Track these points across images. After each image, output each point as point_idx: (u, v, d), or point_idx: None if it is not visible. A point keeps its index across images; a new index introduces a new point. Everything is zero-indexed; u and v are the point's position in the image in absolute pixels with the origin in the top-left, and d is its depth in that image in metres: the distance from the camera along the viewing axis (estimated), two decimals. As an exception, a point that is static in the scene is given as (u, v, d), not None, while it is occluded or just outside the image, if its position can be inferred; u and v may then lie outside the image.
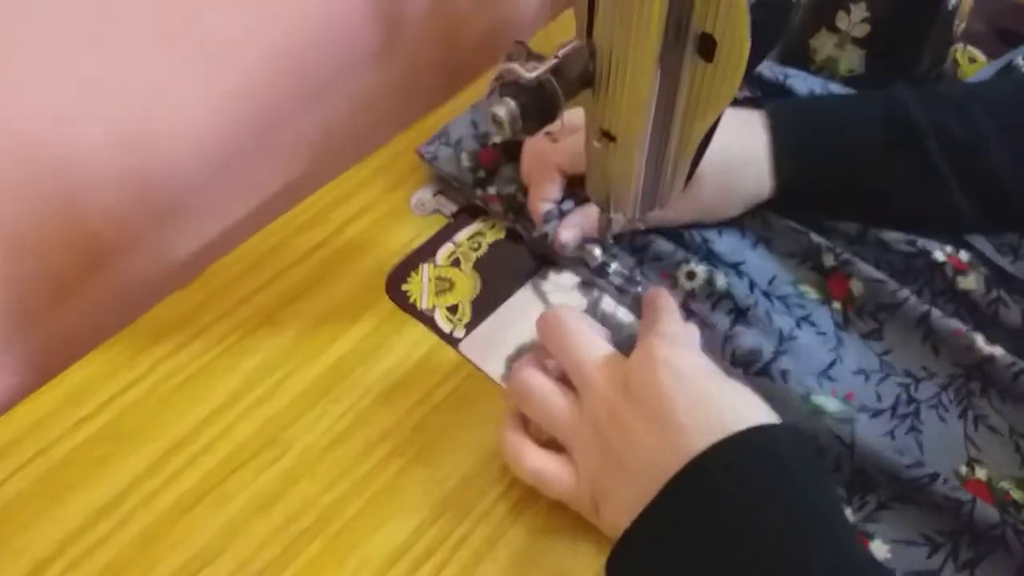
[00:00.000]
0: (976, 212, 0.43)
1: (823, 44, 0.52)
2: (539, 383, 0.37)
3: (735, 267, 0.45)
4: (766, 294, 0.44)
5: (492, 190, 0.49)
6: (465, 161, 0.49)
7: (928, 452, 0.39)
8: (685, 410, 0.33)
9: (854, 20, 0.50)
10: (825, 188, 0.45)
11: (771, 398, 0.37)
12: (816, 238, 0.45)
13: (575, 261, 0.47)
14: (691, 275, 0.44)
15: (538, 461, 0.37)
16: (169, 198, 0.49)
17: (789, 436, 0.34)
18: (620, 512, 0.34)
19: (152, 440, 0.41)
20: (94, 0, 0.39)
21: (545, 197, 0.46)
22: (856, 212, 0.46)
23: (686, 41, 0.31)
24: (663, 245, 0.46)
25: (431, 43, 0.58)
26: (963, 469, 0.39)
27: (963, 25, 0.51)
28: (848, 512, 0.38)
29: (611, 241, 0.45)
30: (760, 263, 0.45)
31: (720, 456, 0.32)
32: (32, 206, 0.42)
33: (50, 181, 0.42)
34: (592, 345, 0.37)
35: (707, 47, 0.30)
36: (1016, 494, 0.38)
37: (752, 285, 0.44)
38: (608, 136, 0.36)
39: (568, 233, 0.45)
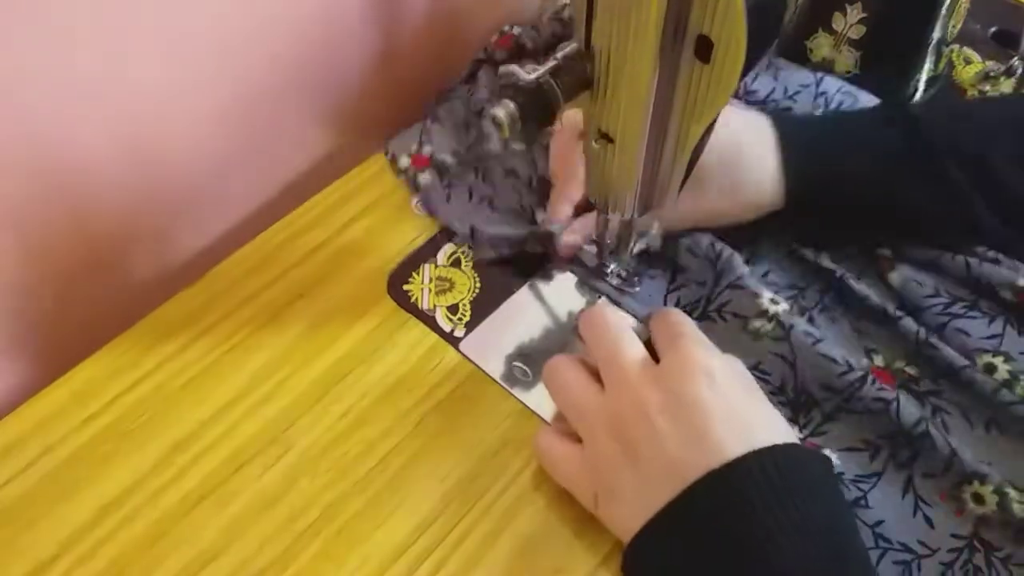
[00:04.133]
0: (994, 223, 0.42)
1: (819, 45, 0.52)
2: (566, 367, 0.38)
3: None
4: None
5: None
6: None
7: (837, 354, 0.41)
8: (719, 419, 0.33)
9: (850, 21, 0.50)
10: (836, 195, 0.43)
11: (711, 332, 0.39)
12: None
13: (574, 261, 0.47)
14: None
15: (550, 441, 0.38)
16: (173, 199, 0.49)
17: (817, 458, 0.34)
18: (626, 508, 0.34)
19: (156, 439, 0.42)
20: (95, 1, 0.39)
21: (569, 196, 0.45)
22: (868, 223, 0.44)
23: (683, 43, 0.31)
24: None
25: (431, 43, 0.59)
26: (864, 361, 0.43)
27: (958, 26, 0.52)
28: (795, 430, 0.40)
29: (609, 242, 0.45)
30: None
31: (751, 466, 0.32)
32: (37, 207, 0.43)
33: (55, 182, 0.43)
34: (628, 343, 0.37)
35: (704, 49, 0.31)
36: (911, 370, 0.42)
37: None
38: (606, 137, 0.36)
39: (572, 237, 0.45)
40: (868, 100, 0.49)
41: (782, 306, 0.42)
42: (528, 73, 0.32)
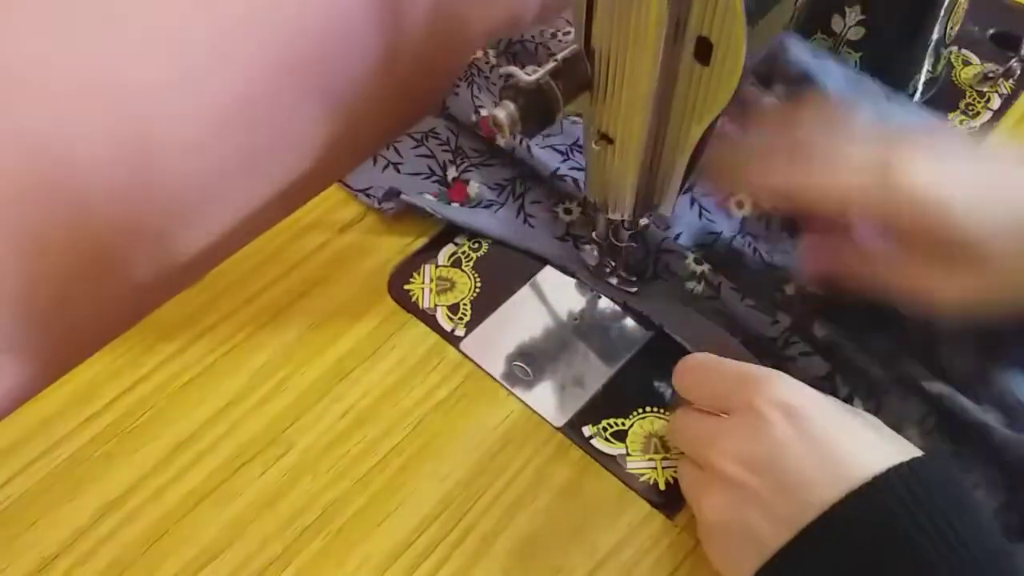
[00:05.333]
0: None
1: (818, 47, 0.52)
2: (687, 413, 0.37)
3: None
4: None
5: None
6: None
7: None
8: (850, 446, 0.32)
9: (849, 23, 0.50)
10: None
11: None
12: None
13: (573, 263, 0.47)
14: None
15: (687, 476, 0.37)
16: (173, 199, 0.49)
17: (952, 466, 0.32)
18: (761, 516, 0.32)
19: (157, 438, 0.42)
20: (95, 1, 0.40)
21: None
22: None
23: (683, 44, 0.31)
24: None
25: (432, 44, 0.59)
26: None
27: (957, 28, 0.52)
28: None
29: (610, 241, 0.45)
30: None
31: (892, 485, 0.30)
32: (37, 207, 0.43)
33: (54, 182, 0.43)
34: (688, 421, 0.37)
35: (704, 50, 0.31)
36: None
37: None
38: (606, 138, 0.36)
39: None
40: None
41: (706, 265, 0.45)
42: (528, 75, 0.32)
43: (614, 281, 0.46)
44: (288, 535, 0.39)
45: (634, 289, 0.46)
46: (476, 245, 0.49)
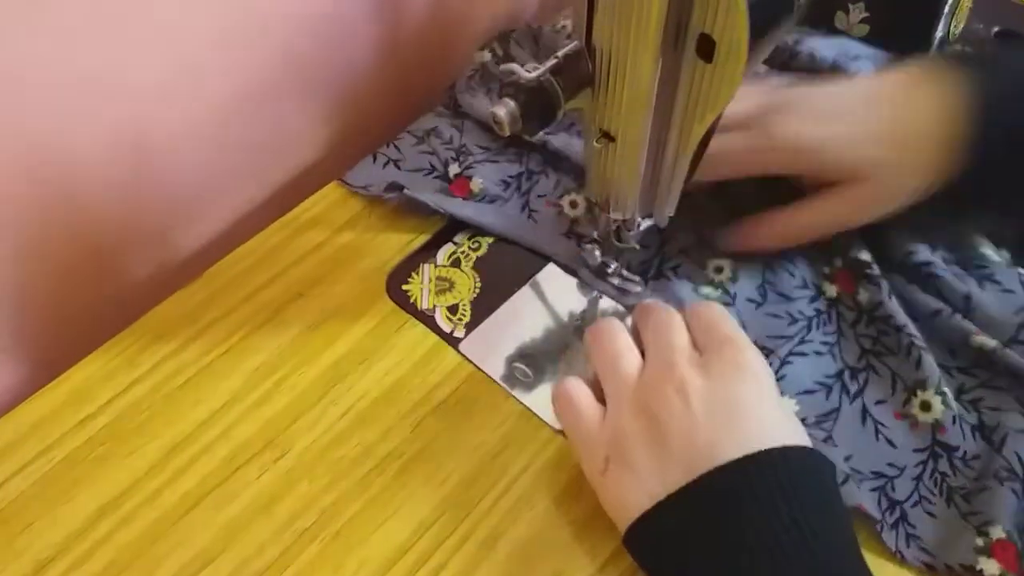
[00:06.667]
0: None
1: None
2: (618, 332, 0.39)
3: None
4: None
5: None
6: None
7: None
8: (754, 416, 0.34)
9: (853, 20, 0.50)
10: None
11: None
12: None
13: (575, 261, 0.47)
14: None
15: (577, 391, 0.38)
16: (171, 198, 0.49)
17: (831, 466, 0.35)
18: (636, 481, 0.35)
19: (153, 440, 0.41)
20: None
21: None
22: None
23: (685, 41, 0.31)
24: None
25: (432, 42, 0.59)
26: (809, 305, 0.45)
27: (961, 25, 0.51)
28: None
29: (612, 241, 0.45)
30: None
31: (777, 460, 0.33)
32: (34, 206, 0.42)
33: (52, 181, 0.43)
34: (679, 330, 0.38)
35: (706, 47, 0.31)
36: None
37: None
38: (608, 136, 0.36)
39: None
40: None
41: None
42: (529, 72, 0.32)
43: (616, 281, 0.46)
44: (285, 538, 0.38)
45: (637, 289, 0.45)
46: (476, 245, 0.48)
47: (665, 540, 0.34)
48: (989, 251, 0.45)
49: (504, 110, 0.32)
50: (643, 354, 0.38)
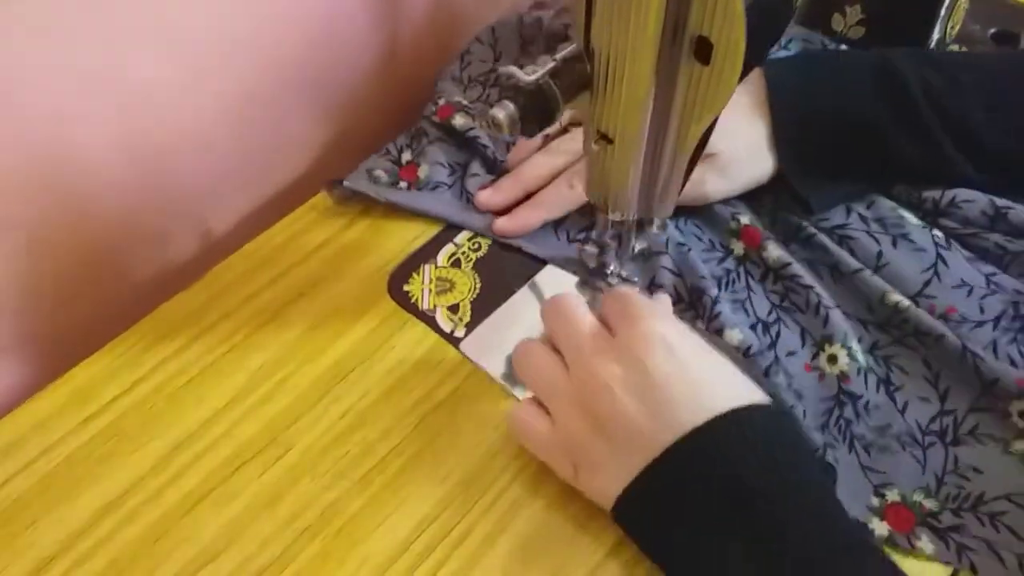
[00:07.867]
0: (971, 169, 0.45)
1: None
2: (534, 349, 0.40)
3: None
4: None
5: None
6: (383, 178, 0.51)
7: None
8: (681, 388, 0.34)
9: (849, 22, 0.50)
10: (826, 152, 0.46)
11: None
12: None
13: (574, 261, 0.47)
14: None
15: (523, 416, 0.39)
16: (173, 199, 0.49)
17: (787, 417, 0.36)
18: (603, 477, 0.36)
19: (156, 439, 0.42)
20: (95, 0, 0.40)
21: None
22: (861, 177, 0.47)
23: (683, 44, 0.31)
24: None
25: (433, 44, 0.59)
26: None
27: (958, 27, 0.52)
28: (699, 323, 0.44)
29: (609, 241, 0.45)
30: None
31: (718, 430, 0.33)
32: (37, 207, 0.43)
33: (55, 182, 0.43)
34: (580, 318, 0.38)
35: (703, 50, 0.31)
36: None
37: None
38: (606, 138, 0.36)
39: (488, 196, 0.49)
40: None
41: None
42: (528, 74, 0.32)
43: (614, 282, 0.46)
44: (287, 536, 0.38)
45: (636, 288, 0.46)
46: (476, 246, 0.49)
47: (638, 529, 0.35)
48: (906, 212, 0.46)
49: (503, 112, 0.33)
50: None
